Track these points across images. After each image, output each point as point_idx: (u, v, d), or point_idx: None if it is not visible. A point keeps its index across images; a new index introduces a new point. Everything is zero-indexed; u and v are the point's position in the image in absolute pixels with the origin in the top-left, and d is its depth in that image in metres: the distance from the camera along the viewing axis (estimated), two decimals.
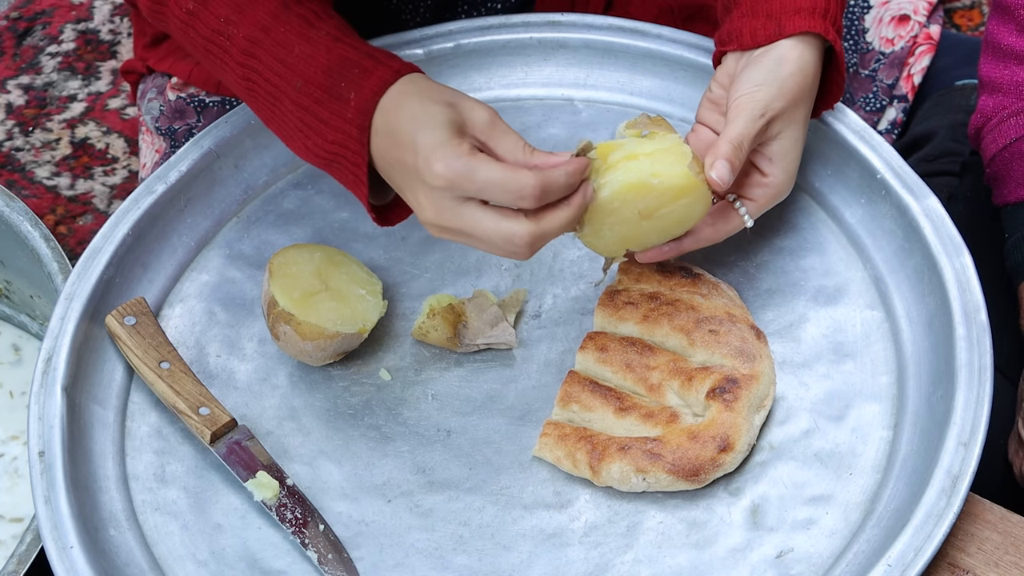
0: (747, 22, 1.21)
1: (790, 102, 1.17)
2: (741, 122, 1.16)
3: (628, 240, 1.18)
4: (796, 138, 1.20)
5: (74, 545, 1.12)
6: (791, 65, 1.18)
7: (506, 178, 1.05)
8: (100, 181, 2.22)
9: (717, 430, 1.15)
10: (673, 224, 1.18)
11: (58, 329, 1.24)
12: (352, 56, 1.15)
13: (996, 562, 1.12)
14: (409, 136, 1.08)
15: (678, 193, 1.14)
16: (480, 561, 1.14)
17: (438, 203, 1.08)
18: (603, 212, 1.13)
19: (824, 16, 1.19)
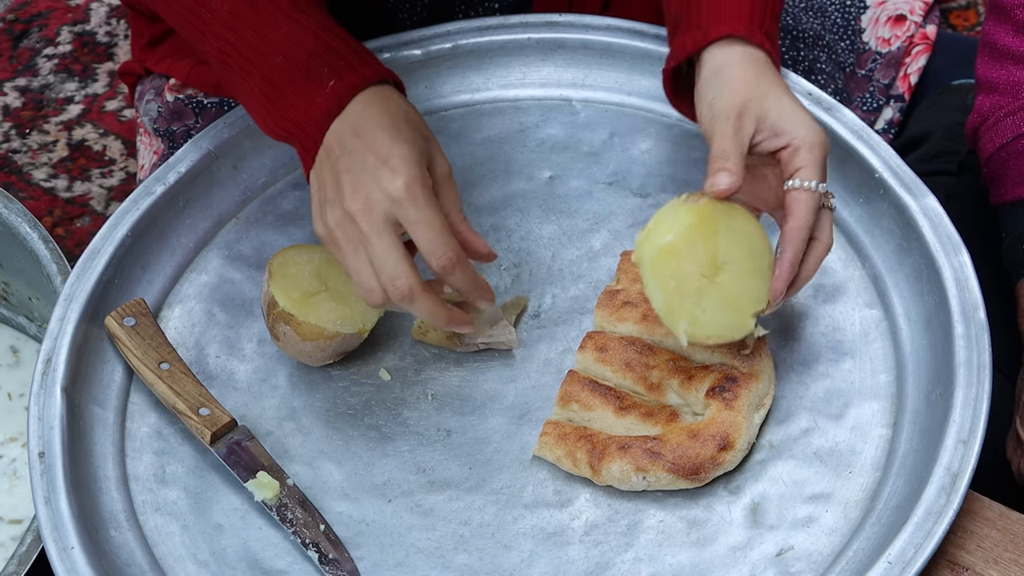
0: (678, 39, 1.23)
1: (749, 95, 1.16)
2: (717, 137, 1.15)
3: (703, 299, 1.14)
4: (783, 100, 1.16)
5: (75, 546, 1.12)
6: (731, 68, 1.18)
7: (442, 230, 1.09)
8: (98, 183, 2.22)
9: (717, 429, 1.15)
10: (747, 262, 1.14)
11: (57, 330, 1.24)
12: (341, 48, 1.16)
13: (995, 559, 1.12)
14: (384, 142, 1.10)
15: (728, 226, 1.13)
16: (481, 560, 1.14)
17: (373, 206, 1.09)
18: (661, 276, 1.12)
19: (750, 20, 1.19)
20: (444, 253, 1.09)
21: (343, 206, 1.10)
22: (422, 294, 1.10)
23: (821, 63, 1.60)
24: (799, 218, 1.13)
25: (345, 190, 1.10)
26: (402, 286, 1.09)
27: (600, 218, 1.35)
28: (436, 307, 1.12)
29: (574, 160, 1.40)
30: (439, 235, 1.09)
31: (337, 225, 1.11)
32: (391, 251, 1.09)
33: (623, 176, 1.38)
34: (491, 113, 1.44)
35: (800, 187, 1.13)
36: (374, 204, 1.09)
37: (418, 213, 1.08)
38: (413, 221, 1.09)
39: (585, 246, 1.33)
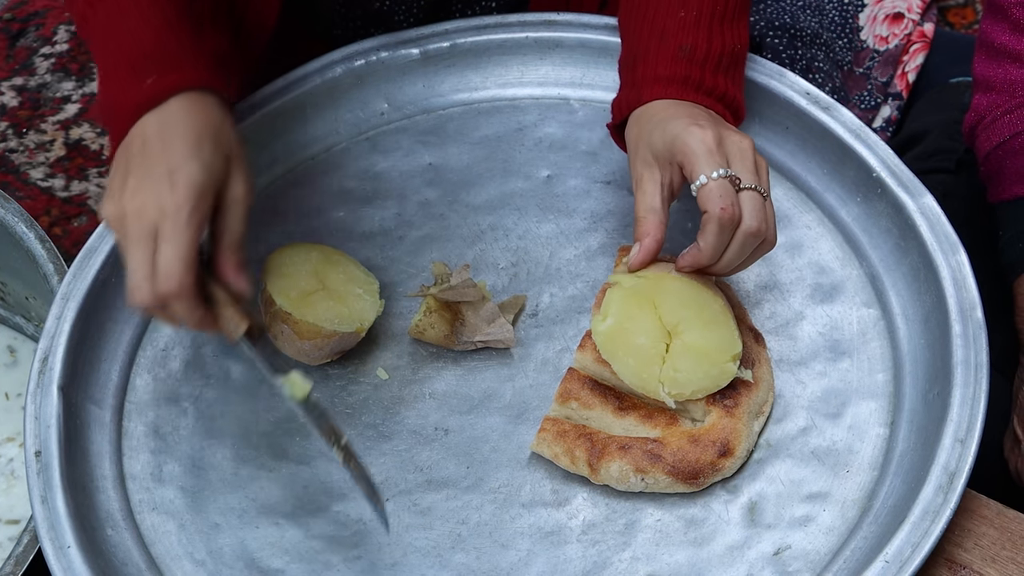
0: (620, 94, 1.25)
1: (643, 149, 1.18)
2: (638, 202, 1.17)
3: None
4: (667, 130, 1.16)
5: (71, 545, 1.12)
6: (629, 128, 1.21)
7: (180, 259, 1.07)
8: (95, 182, 2.22)
9: (718, 435, 1.15)
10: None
11: (54, 329, 1.24)
12: (175, 49, 1.16)
13: (993, 557, 1.12)
14: (179, 154, 1.09)
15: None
16: (478, 559, 1.14)
17: (143, 210, 1.08)
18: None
19: (684, 83, 1.20)
20: (169, 279, 1.07)
21: (121, 203, 1.10)
22: (160, 312, 1.11)
23: (819, 61, 1.60)
24: (710, 212, 1.11)
25: (127, 188, 1.10)
26: (141, 300, 1.09)
27: (598, 217, 1.35)
28: (170, 321, 1.13)
29: (572, 159, 1.40)
30: (176, 261, 1.07)
31: (112, 220, 1.11)
32: (141, 265, 1.08)
33: (621, 175, 1.38)
34: (489, 112, 1.44)
35: (697, 187, 1.12)
36: (144, 211, 1.08)
37: (172, 231, 1.07)
38: (164, 239, 1.08)
39: (583, 245, 1.33)
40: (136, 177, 1.10)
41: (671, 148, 1.14)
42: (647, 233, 1.15)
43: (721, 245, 1.13)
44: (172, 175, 1.08)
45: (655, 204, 1.16)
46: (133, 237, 1.08)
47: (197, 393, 1.26)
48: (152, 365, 1.28)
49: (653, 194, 1.16)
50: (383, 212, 1.37)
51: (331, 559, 1.15)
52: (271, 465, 1.21)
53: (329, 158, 1.42)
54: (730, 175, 1.12)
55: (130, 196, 1.09)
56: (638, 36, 1.24)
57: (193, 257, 1.09)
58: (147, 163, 1.10)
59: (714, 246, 1.13)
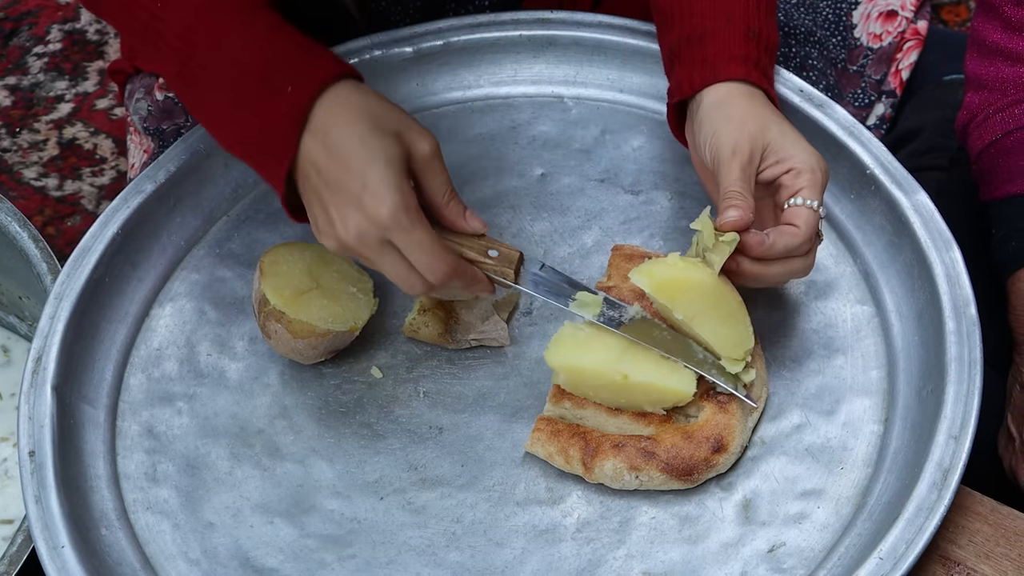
0: (685, 71, 1.24)
1: (753, 128, 1.18)
2: (723, 174, 1.17)
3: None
4: (785, 130, 1.19)
5: (65, 545, 1.11)
6: (732, 103, 1.20)
7: (431, 249, 1.11)
8: (88, 182, 2.21)
9: (711, 431, 1.15)
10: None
11: (48, 328, 1.23)
12: (290, 49, 1.14)
13: (987, 554, 1.12)
14: (358, 163, 1.09)
15: None
16: (473, 558, 1.14)
17: (365, 234, 1.10)
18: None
19: (756, 65, 1.22)
20: (439, 270, 1.12)
21: (338, 238, 1.12)
22: (442, 288, 1.14)
23: (812, 59, 1.60)
24: (799, 232, 1.15)
25: (335, 222, 1.11)
26: (420, 290, 1.14)
27: (592, 215, 1.35)
28: (450, 292, 1.17)
29: (566, 157, 1.40)
30: (430, 255, 1.11)
31: (343, 250, 1.13)
32: (397, 268, 1.12)
33: (615, 173, 1.38)
34: (483, 110, 1.44)
35: (802, 204, 1.15)
36: (365, 235, 1.10)
37: (407, 237, 1.10)
38: (404, 246, 1.10)
39: (577, 243, 1.33)
40: (336, 208, 1.11)
41: (787, 152, 1.17)
42: (747, 208, 1.15)
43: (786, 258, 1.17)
44: (367, 187, 1.09)
45: (751, 187, 1.17)
46: (373, 256, 1.12)
47: (191, 392, 1.26)
48: (146, 364, 1.28)
49: (751, 178, 1.17)
50: None
51: (325, 558, 1.15)
52: (265, 464, 1.21)
53: None
54: (823, 212, 1.17)
55: (343, 229, 1.11)
56: (702, 16, 1.25)
57: (438, 241, 1.12)
58: (337, 190, 1.10)
59: (781, 253, 1.16)
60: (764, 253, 1.15)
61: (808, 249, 1.16)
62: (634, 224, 1.34)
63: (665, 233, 1.33)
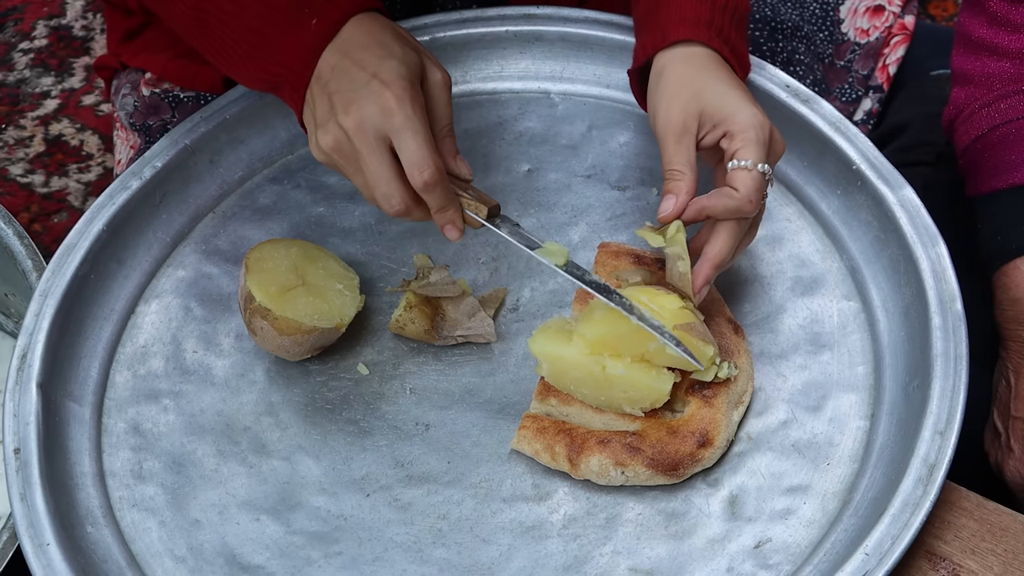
0: (640, 39, 1.24)
1: (685, 98, 1.17)
2: (663, 154, 1.17)
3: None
4: (719, 91, 1.17)
5: (51, 542, 1.11)
6: (669, 70, 1.19)
7: (425, 142, 1.10)
8: (75, 178, 2.21)
9: (696, 425, 1.15)
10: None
11: (33, 326, 1.23)
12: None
13: (973, 549, 1.12)
14: (373, 59, 1.10)
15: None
16: (459, 554, 1.14)
17: (364, 121, 1.10)
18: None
19: (709, 26, 1.21)
20: (426, 167, 1.10)
21: (336, 123, 1.11)
22: (417, 208, 1.14)
23: (799, 54, 1.60)
24: (735, 194, 1.13)
25: (337, 109, 1.11)
26: (396, 203, 1.12)
27: (578, 211, 1.35)
28: (427, 218, 1.15)
29: (552, 153, 1.40)
30: (422, 147, 1.10)
31: (333, 147, 1.13)
32: (383, 170, 1.11)
33: (601, 169, 1.38)
34: (469, 106, 1.43)
35: (738, 167, 1.14)
36: (365, 120, 1.10)
37: (405, 123, 1.09)
38: (398, 130, 1.09)
39: (564, 239, 1.33)
40: (341, 96, 1.11)
41: (723, 120, 1.16)
42: (685, 190, 1.15)
43: (741, 231, 1.16)
44: (377, 77, 1.10)
45: (692, 159, 1.16)
46: (365, 149, 1.10)
47: (177, 390, 1.25)
48: (132, 362, 1.28)
49: (690, 149, 1.17)
50: (363, 207, 1.37)
51: (312, 554, 1.15)
52: (251, 461, 1.21)
53: (309, 153, 1.41)
54: (769, 174, 1.15)
55: (343, 114, 1.10)
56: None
57: (432, 141, 1.11)
58: (347, 80, 1.11)
59: (736, 234, 1.16)
60: (699, 218, 1.15)
61: (752, 211, 1.14)
62: (620, 220, 1.34)
63: None
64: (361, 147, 1.10)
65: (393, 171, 1.11)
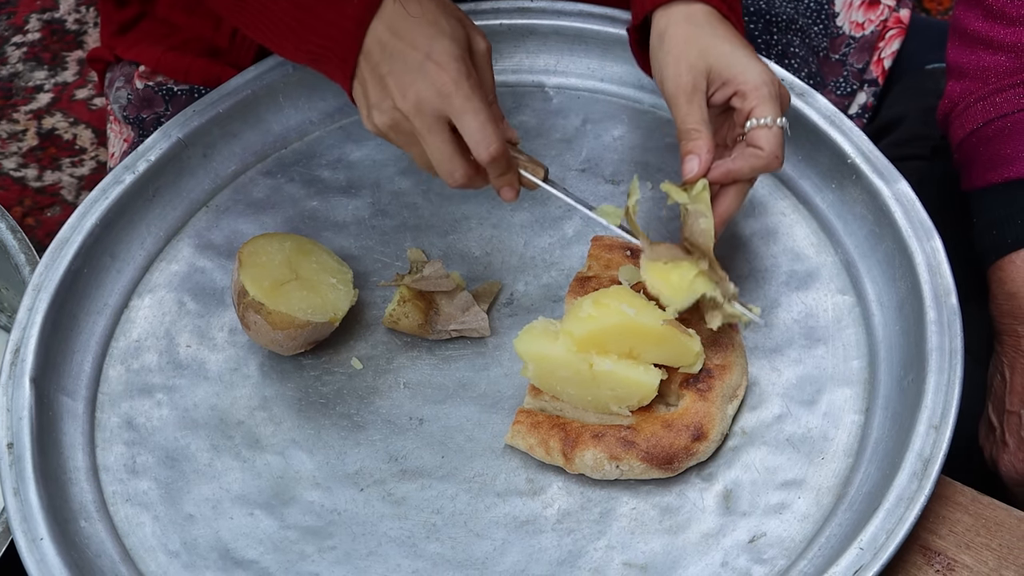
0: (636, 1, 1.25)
1: (692, 57, 1.17)
2: (676, 116, 1.17)
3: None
4: (724, 49, 1.17)
5: (44, 537, 1.11)
6: (672, 30, 1.19)
7: (488, 120, 1.12)
8: (68, 172, 2.20)
9: (691, 419, 1.15)
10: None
11: (26, 320, 1.23)
12: None
13: (968, 544, 1.12)
14: (424, 38, 1.12)
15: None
16: (453, 549, 1.14)
17: (423, 101, 1.11)
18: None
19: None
20: (492, 143, 1.12)
21: (394, 106, 1.13)
22: (480, 178, 1.17)
23: (795, 47, 1.60)
24: (763, 153, 1.15)
25: (393, 91, 1.12)
26: (459, 178, 1.15)
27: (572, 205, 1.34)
28: (486, 184, 1.18)
29: (547, 147, 1.39)
30: (485, 125, 1.12)
31: (389, 128, 1.14)
32: (445, 147, 1.13)
33: (596, 163, 1.38)
34: None
35: (759, 125, 1.15)
36: (424, 103, 1.11)
37: (465, 104, 1.11)
38: (460, 112, 1.11)
39: (557, 233, 1.33)
40: (394, 77, 1.12)
41: (732, 77, 1.16)
42: (705, 148, 1.16)
43: (752, 178, 1.18)
44: (431, 56, 1.11)
45: (705, 116, 1.17)
46: (425, 130, 1.12)
47: (170, 384, 1.25)
48: (125, 356, 1.27)
49: (702, 107, 1.17)
50: (357, 201, 1.37)
51: (305, 549, 1.15)
52: (245, 456, 1.21)
53: (303, 147, 1.41)
54: (786, 127, 1.16)
55: (400, 95, 1.12)
56: None
57: (492, 117, 1.13)
58: (400, 62, 1.12)
59: (748, 175, 1.17)
60: (725, 180, 1.17)
61: (778, 166, 1.16)
62: None
63: (646, 223, 1.32)
64: (421, 128, 1.12)
65: (454, 148, 1.14)
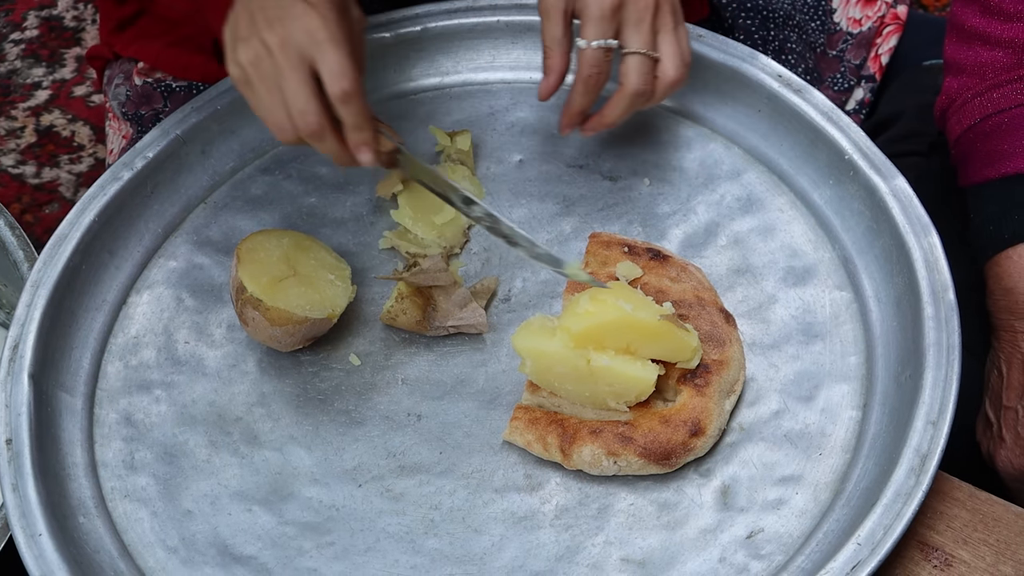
0: None
1: None
2: (545, 31, 1.23)
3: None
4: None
5: (43, 533, 1.11)
6: None
7: (347, 57, 1.09)
8: (66, 169, 2.20)
9: (689, 414, 1.15)
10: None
11: (24, 316, 1.23)
12: None
13: (965, 539, 1.12)
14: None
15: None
16: (451, 544, 1.14)
17: (288, 36, 1.09)
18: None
19: None
20: (346, 76, 1.09)
21: (259, 38, 1.10)
22: (331, 132, 1.12)
23: (792, 43, 1.60)
24: (579, 74, 1.21)
25: (260, 24, 1.10)
26: (312, 122, 1.11)
27: (570, 201, 1.35)
28: (340, 147, 1.14)
29: (544, 143, 1.39)
30: (344, 59, 1.09)
31: (251, 62, 1.11)
32: (304, 86, 1.10)
33: (593, 159, 1.38)
34: (460, 96, 1.43)
35: (581, 48, 1.20)
36: (289, 36, 1.09)
37: (328, 37, 1.08)
38: (320, 44, 1.08)
39: (555, 229, 1.33)
40: (265, 13, 1.10)
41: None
42: (554, 68, 1.24)
43: (588, 102, 1.23)
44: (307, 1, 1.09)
45: (560, 34, 1.22)
46: (287, 65, 1.09)
47: (169, 380, 1.25)
48: (124, 353, 1.27)
49: (558, 24, 1.22)
50: (355, 198, 1.37)
51: (304, 545, 1.15)
52: (243, 452, 1.21)
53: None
54: (608, 45, 1.19)
55: (267, 30, 1.09)
56: None
57: (354, 58, 1.11)
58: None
59: (580, 103, 1.23)
60: (571, 115, 1.25)
61: (598, 87, 1.21)
62: (612, 211, 1.34)
63: (644, 219, 1.32)
64: (283, 63, 1.09)
65: (312, 89, 1.10)
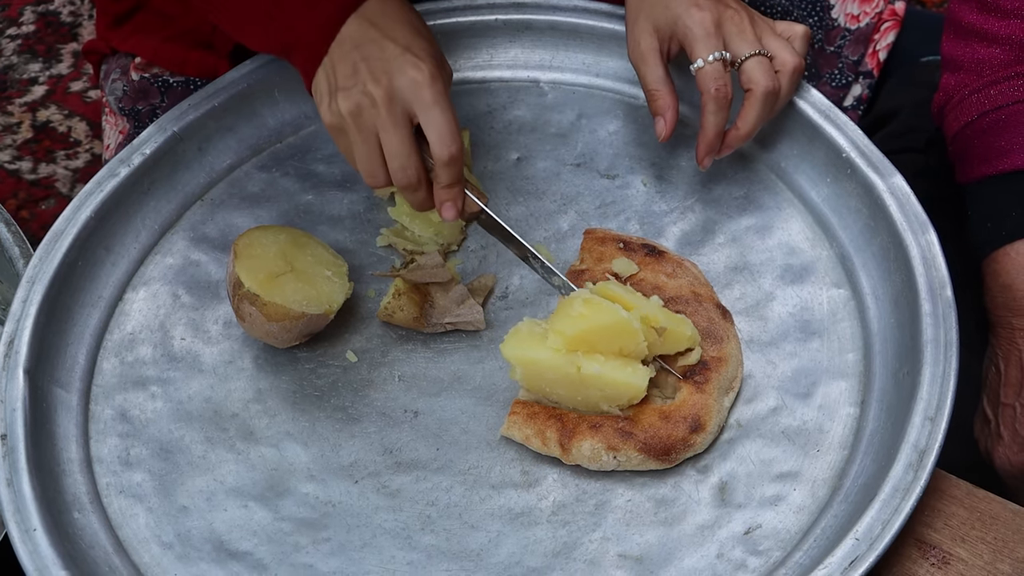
0: None
1: (643, 19, 1.22)
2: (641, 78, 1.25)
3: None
4: (665, 3, 1.22)
5: (37, 528, 1.11)
6: (629, 2, 1.24)
7: (454, 121, 1.13)
8: (63, 165, 2.20)
9: (689, 410, 1.15)
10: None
11: (20, 312, 1.23)
12: None
13: (963, 537, 1.12)
14: (404, 35, 1.13)
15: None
16: (448, 541, 1.14)
17: (396, 91, 1.12)
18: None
19: None
20: (454, 141, 1.13)
21: (363, 90, 1.12)
22: (425, 186, 1.17)
23: None
24: (707, 93, 1.20)
25: (364, 76, 1.12)
26: (412, 176, 1.15)
27: (567, 199, 1.35)
28: (429, 199, 1.18)
29: (542, 141, 1.39)
30: (451, 122, 1.13)
31: (351, 112, 1.13)
32: (407, 142, 1.13)
33: (590, 157, 1.38)
34: (458, 94, 1.43)
35: (698, 68, 1.20)
36: (396, 92, 1.12)
37: (435, 97, 1.12)
38: (430, 105, 1.12)
39: (553, 227, 1.33)
40: (371, 63, 1.12)
41: (673, 28, 1.22)
42: (668, 106, 1.24)
43: (722, 120, 1.23)
44: (410, 51, 1.12)
45: (663, 75, 1.23)
46: (391, 119, 1.12)
47: (165, 377, 1.25)
48: (119, 349, 1.27)
49: (658, 65, 1.23)
50: (352, 195, 1.37)
51: (300, 541, 1.15)
52: (240, 448, 1.20)
53: (298, 141, 1.41)
54: (724, 57, 1.20)
55: (372, 82, 1.12)
56: None
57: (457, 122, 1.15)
58: (378, 49, 1.12)
59: (715, 123, 1.23)
60: (709, 139, 1.23)
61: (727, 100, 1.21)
62: (610, 208, 1.34)
63: (641, 217, 1.32)
64: (387, 116, 1.12)
65: (414, 146, 1.14)
